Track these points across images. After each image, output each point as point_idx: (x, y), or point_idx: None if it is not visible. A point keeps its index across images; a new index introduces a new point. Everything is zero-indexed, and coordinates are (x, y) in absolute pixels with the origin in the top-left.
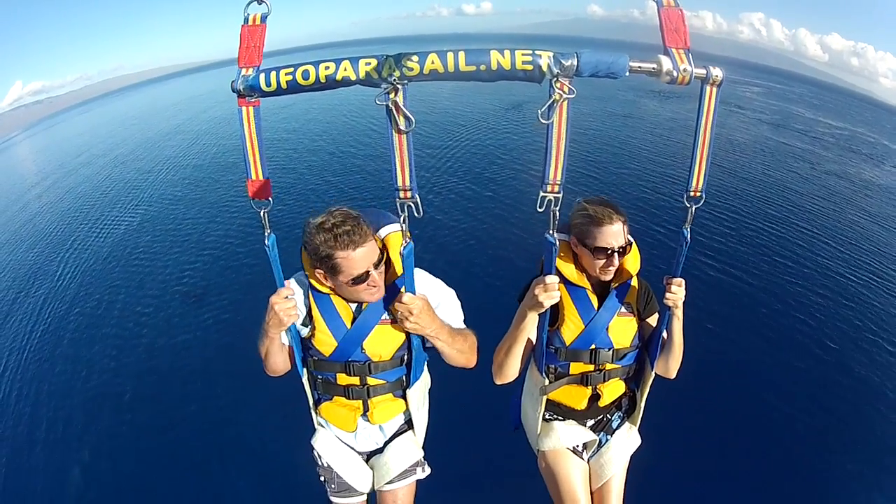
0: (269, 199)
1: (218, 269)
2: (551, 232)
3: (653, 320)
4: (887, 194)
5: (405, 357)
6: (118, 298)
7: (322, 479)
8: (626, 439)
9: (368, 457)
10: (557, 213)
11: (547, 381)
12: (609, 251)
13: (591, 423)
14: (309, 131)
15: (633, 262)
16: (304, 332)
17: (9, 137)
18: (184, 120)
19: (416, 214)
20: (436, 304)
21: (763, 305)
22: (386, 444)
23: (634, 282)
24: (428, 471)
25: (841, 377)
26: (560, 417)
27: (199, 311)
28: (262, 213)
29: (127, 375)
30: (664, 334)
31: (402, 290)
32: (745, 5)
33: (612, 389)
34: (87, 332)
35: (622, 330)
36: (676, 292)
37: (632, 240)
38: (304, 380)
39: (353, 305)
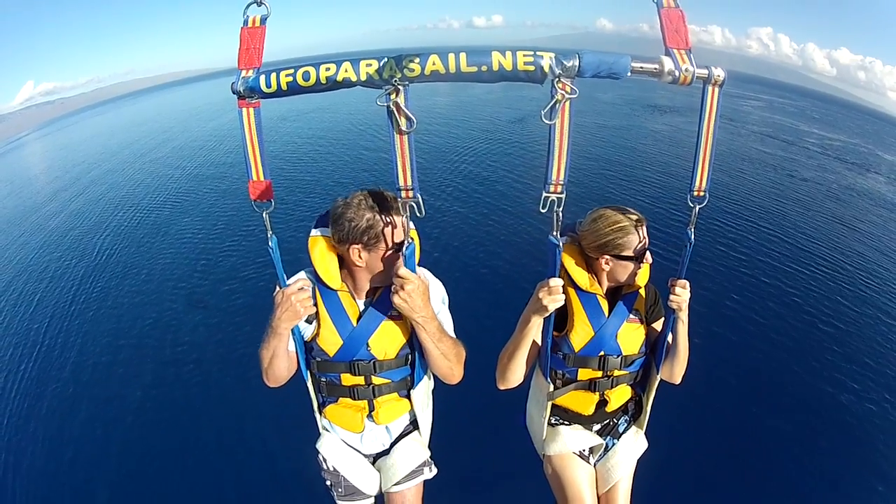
0: (271, 200)
1: (224, 275)
2: (555, 233)
3: (658, 325)
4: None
5: (409, 357)
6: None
7: (328, 483)
8: (633, 443)
9: (374, 459)
10: (561, 214)
11: (552, 387)
12: (645, 250)
13: (597, 427)
14: (308, 131)
15: (644, 270)
16: (308, 331)
17: (20, 136)
18: (218, 124)
19: (417, 214)
20: (434, 301)
21: (770, 306)
22: (392, 445)
23: (642, 289)
24: (435, 471)
25: (852, 377)
26: (566, 422)
27: (203, 317)
28: (264, 215)
29: (126, 384)
30: (669, 338)
31: (401, 261)
32: (753, 20)
33: (620, 395)
34: (87, 337)
35: (631, 337)
36: (681, 294)
37: None
38: (309, 383)
39: (361, 303)
